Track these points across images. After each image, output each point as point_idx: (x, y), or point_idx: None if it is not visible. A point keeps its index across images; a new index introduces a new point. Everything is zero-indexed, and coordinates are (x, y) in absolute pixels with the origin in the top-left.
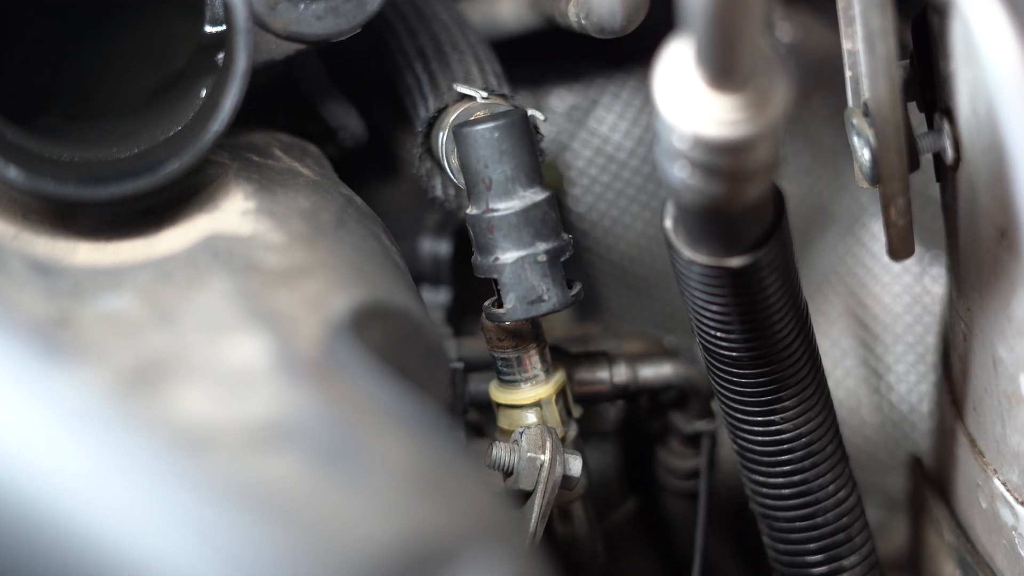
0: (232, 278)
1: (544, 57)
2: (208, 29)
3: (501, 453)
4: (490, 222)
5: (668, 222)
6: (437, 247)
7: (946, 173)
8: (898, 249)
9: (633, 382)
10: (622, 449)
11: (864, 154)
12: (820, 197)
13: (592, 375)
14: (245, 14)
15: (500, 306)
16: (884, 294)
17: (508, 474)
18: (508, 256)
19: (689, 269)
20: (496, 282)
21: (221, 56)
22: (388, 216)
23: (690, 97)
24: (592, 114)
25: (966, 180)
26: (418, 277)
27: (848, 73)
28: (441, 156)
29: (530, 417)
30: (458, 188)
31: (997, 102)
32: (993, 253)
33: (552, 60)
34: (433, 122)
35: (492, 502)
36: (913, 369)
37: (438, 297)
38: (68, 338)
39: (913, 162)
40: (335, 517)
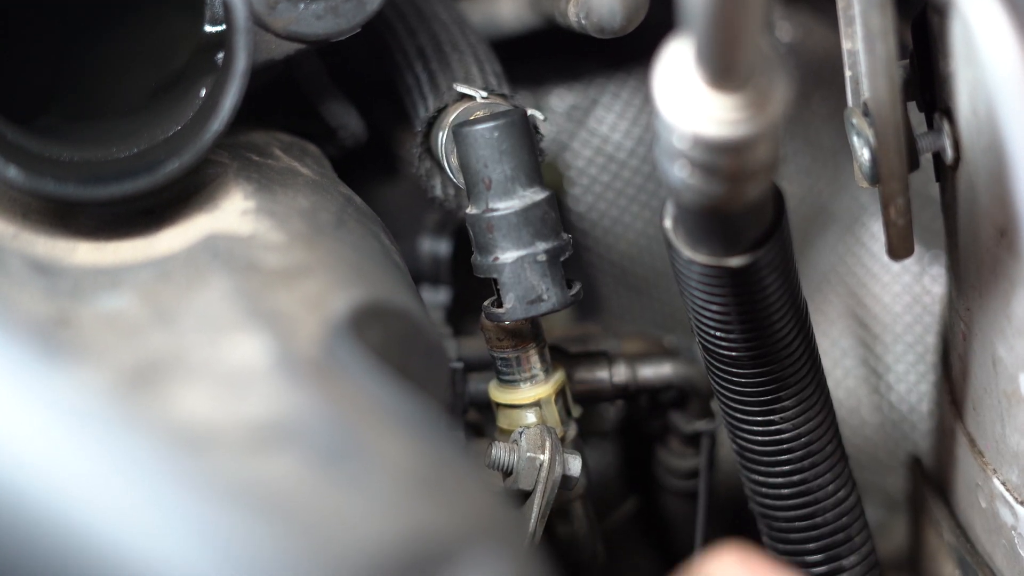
0: (232, 278)
1: (544, 57)
2: (208, 29)
3: (501, 453)
4: (490, 222)
5: (668, 222)
6: (437, 247)
7: (946, 173)
8: (898, 249)
9: (633, 382)
10: (622, 449)
11: (864, 154)
12: (820, 197)
13: (592, 375)
14: (245, 14)
15: (500, 306)
16: (884, 294)
17: (508, 474)
18: (508, 256)
19: (689, 269)
20: (496, 282)
21: (221, 56)
22: (388, 216)
23: (690, 97)
24: (592, 114)
25: (966, 180)
26: (418, 277)
27: (848, 73)
28: (441, 156)
29: (530, 417)
30: (458, 188)
31: (997, 102)
32: (993, 253)
33: (552, 60)
34: (433, 122)
35: (492, 502)
36: (913, 369)
37: (438, 297)
38: (68, 338)
39: (913, 162)
40: (335, 517)
